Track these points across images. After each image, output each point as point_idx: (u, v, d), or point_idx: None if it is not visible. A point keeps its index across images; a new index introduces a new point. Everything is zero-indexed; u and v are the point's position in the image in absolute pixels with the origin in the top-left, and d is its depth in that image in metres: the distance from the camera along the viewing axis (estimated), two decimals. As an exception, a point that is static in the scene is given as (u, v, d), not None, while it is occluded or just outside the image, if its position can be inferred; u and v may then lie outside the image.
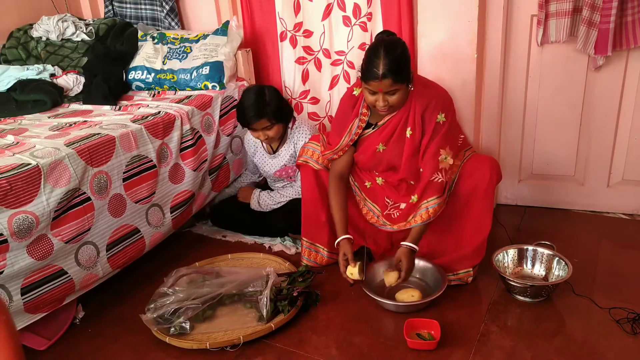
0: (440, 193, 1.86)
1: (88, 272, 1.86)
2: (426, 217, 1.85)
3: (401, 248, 1.86)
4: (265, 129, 2.29)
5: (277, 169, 2.47)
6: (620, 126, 2.31)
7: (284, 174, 2.48)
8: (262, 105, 2.25)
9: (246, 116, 2.26)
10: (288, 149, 2.41)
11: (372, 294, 1.84)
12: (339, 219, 1.97)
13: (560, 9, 2.13)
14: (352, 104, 1.98)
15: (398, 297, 1.87)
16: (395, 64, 1.69)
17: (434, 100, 1.85)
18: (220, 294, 1.90)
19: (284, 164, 2.44)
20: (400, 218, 1.99)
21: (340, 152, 2.03)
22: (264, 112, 2.24)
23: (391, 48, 1.71)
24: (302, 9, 2.60)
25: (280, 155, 2.44)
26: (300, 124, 2.42)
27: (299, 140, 2.37)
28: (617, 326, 1.71)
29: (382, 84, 1.71)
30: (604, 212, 2.47)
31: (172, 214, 2.22)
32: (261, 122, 2.26)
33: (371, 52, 1.73)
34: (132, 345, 1.81)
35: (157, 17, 2.96)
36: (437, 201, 1.85)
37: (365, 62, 1.74)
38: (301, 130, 2.39)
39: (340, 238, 1.94)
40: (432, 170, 1.85)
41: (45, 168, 1.68)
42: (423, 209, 1.86)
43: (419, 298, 1.84)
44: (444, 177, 1.86)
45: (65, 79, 2.61)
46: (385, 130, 1.93)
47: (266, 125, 2.28)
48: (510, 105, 2.43)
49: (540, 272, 1.97)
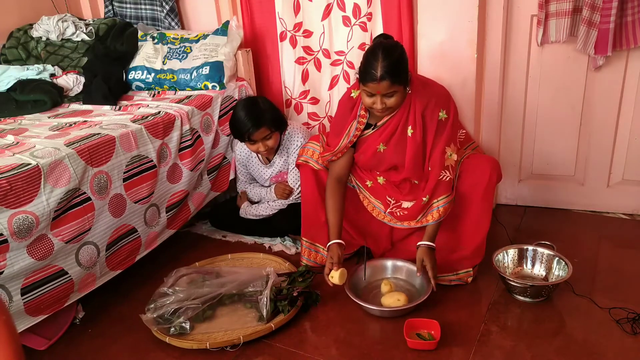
0: (449, 191, 1.88)
1: (88, 272, 1.86)
2: (437, 216, 1.89)
3: (421, 248, 1.89)
4: (265, 139, 2.28)
5: (272, 176, 2.48)
6: (620, 126, 2.31)
7: (279, 179, 2.49)
8: (258, 114, 2.25)
9: (244, 128, 2.25)
10: (281, 156, 2.43)
11: (357, 299, 1.84)
12: (333, 223, 1.99)
13: (560, 9, 2.13)
14: (350, 106, 1.98)
15: (384, 302, 1.86)
16: (394, 66, 1.70)
17: (433, 99, 1.85)
18: (220, 294, 1.90)
19: (279, 170, 2.46)
20: (407, 217, 2.00)
21: (339, 154, 2.03)
22: (263, 121, 2.24)
23: (389, 50, 1.72)
24: (302, 9, 2.60)
25: (275, 164, 2.45)
26: (293, 129, 2.42)
27: (291, 146, 2.38)
28: (617, 326, 1.71)
29: (380, 85, 1.72)
30: (604, 212, 2.48)
31: (168, 214, 2.22)
32: (261, 131, 2.25)
33: (369, 55, 1.74)
34: (132, 345, 1.81)
35: (157, 17, 2.96)
36: (447, 200, 1.88)
37: (364, 65, 1.75)
38: (294, 136, 2.40)
39: (331, 242, 1.95)
40: (440, 169, 1.86)
41: (45, 168, 1.68)
42: (434, 208, 1.90)
43: (405, 302, 1.82)
44: (451, 174, 1.87)
45: (65, 79, 2.61)
46: (385, 130, 1.93)
47: (266, 135, 2.27)
48: (510, 105, 2.43)
49: (540, 272, 1.97)
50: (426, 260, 1.85)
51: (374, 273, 2.03)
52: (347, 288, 1.88)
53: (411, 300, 1.85)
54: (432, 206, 1.90)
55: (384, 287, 1.92)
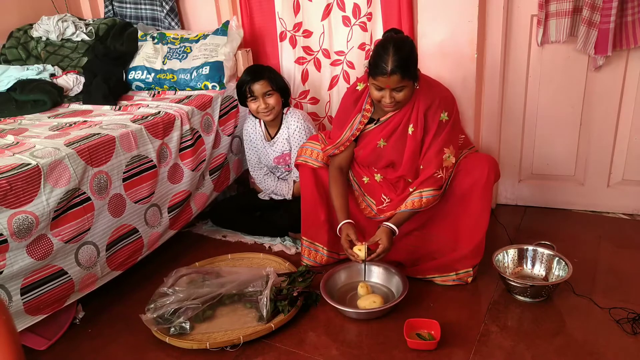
0: (438, 187, 1.86)
1: (88, 272, 1.86)
2: (418, 204, 1.85)
3: (382, 227, 1.86)
4: (266, 95, 2.32)
5: (275, 156, 2.49)
6: (620, 126, 2.31)
7: (282, 162, 2.50)
8: (260, 69, 2.35)
9: (245, 79, 2.32)
10: (283, 133, 2.45)
11: (333, 302, 1.83)
12: (340, 206, 1.97)
13: (560, 9, 2.13)
14: (355, 99, 1.98)
15: (360, 304, 1.85)
16: (404, 61, 1.70)
17: (437, 100, 1.86)
18: (220, 294, 1.90)
19: (282, 151, 2.46)
20: (390, 207, 2.00)
21: (342, 147, 2.03)
22: (264, 74, 2.32)
23: (400, 45, 1.73)
24: (302, 9, 2.60)
25: (277, 140, 2.46)
26: (294, 110, 2.46)
27: (292, 124, 2.40)
28: (617, 326, 1.71)
29: (390, 80, 1.72)
30: (604, 212, 2.47)
31: (170, 214, 2.22)
32: (261, 83, 2.30)
33: (380, 48, 1.74)
34: (132, 345, 1.81)
35: (157, 17, 2.96)
36: (433, 192, 1.85)
37: (374, 58, 1.75)
38: (294, 115, 2.42)
39: (342, 223, 1.92)
40: (436, 168, 1.85)
41: (45, 168, 1.68)
42: (417, 196, 1.86)
43: (381, 304, 1.82)
44: (444, 175, 1.87)
45: (65, 79, 2.61)
46: (388, 126, 1.93)
47: (267, 90, 2.31)
48: (510, 105, 2.43)
49: (540, 272, 1.97)
50: (383, 239, 1.82)
51: (352, 275, 2.02)
52: (323, 292, 1.87)
53: (387, 301, 1.85)
54: (414, 194, 1.86)
55: (361, 290, 1.92)
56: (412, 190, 1.88)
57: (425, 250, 2.04)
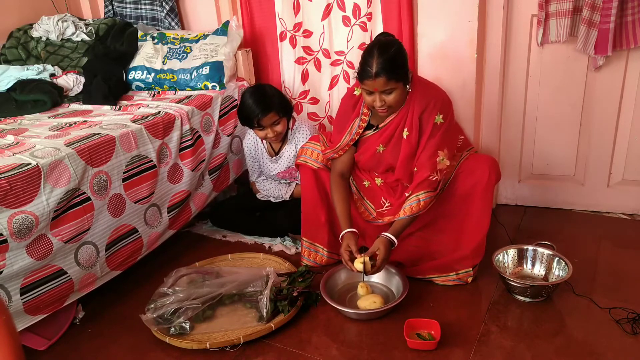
0: (433, 189, 1.85)
1: (87, 272, 1.86)
2: (417, 209, 1.84)
3: (380, 237, 1.84)
4: (274, 124, 2.29)
5: (280, 171, 2.47)
6: (620, 126, 2.31)
7: (287, 175, 2.48)
8: (267, 99, 2.26)
9: (252, 113, 2.25)
10: (290, 150, 2.42)
11: (333, 303, 1.83)
12: (342, 213, 1.97)
13: (560, 9, 2.13)
14: (353, 104, 1.99)
15: (360, 304, 1.85)
16: (389, 62, 1.70)
17: (432, 102, 1.85)
18: (220, 294, 1.90)
19: (287, 166, 2.45)
20: (390, 212, 1.99)
21: (341, 152, 2.03)
22: (271, 106, 2.25)
23: (385, 47, 1.73)
24: (302, 9, 2.60)
25: (283, 156, 2.44)
26: (300, 124, 2.43)
27: (300, 140, 2.38)
28: (617, 326, 1.71)
29: (376, 82, 1.72)
30: (604, 212, 2.47)
31: (169, 214, 2.22)
32: (270, 116, 2.26)
33: (366, 53, 1.76)
34: (132, 345, 1.81)
35: (157, 17, 2.96)
36: (429, 195, 1.84)
37: (361, 63, 1.76)
38: (301, 130, 2.40)
39: (344, 231, 1.91)
40: (430, 171, 1.84)
41: (45, 168, 1.68)
42: (414, 200, 1.85)
43: (381, 304, 1.82)
44: (439, 176, 1.86)
45: (65, 79, 2.61)
46: (385, 131, 1.93)
47: (274, 120, 2.28)
48: (510, 105, 2.43)
49: (540, 272, 1.97)
50: (381, 250, 1.81)
51: (352, 275, 2.01)
52: (323, 292, 1.87)
53: (387, 301, 1.85)
54: (411, 198, 1.85)
55: (361, 290, 1.92)
56: (409, 195, 1.88)
57: (427, 250, 2.04)
